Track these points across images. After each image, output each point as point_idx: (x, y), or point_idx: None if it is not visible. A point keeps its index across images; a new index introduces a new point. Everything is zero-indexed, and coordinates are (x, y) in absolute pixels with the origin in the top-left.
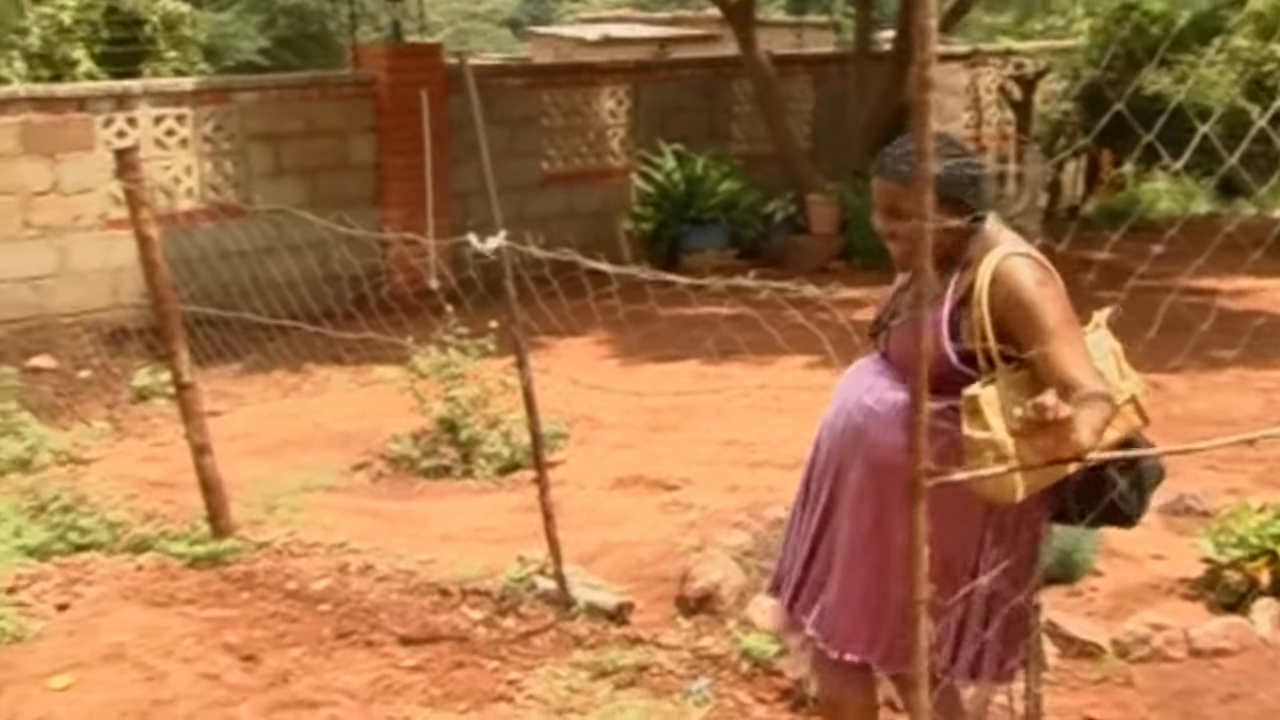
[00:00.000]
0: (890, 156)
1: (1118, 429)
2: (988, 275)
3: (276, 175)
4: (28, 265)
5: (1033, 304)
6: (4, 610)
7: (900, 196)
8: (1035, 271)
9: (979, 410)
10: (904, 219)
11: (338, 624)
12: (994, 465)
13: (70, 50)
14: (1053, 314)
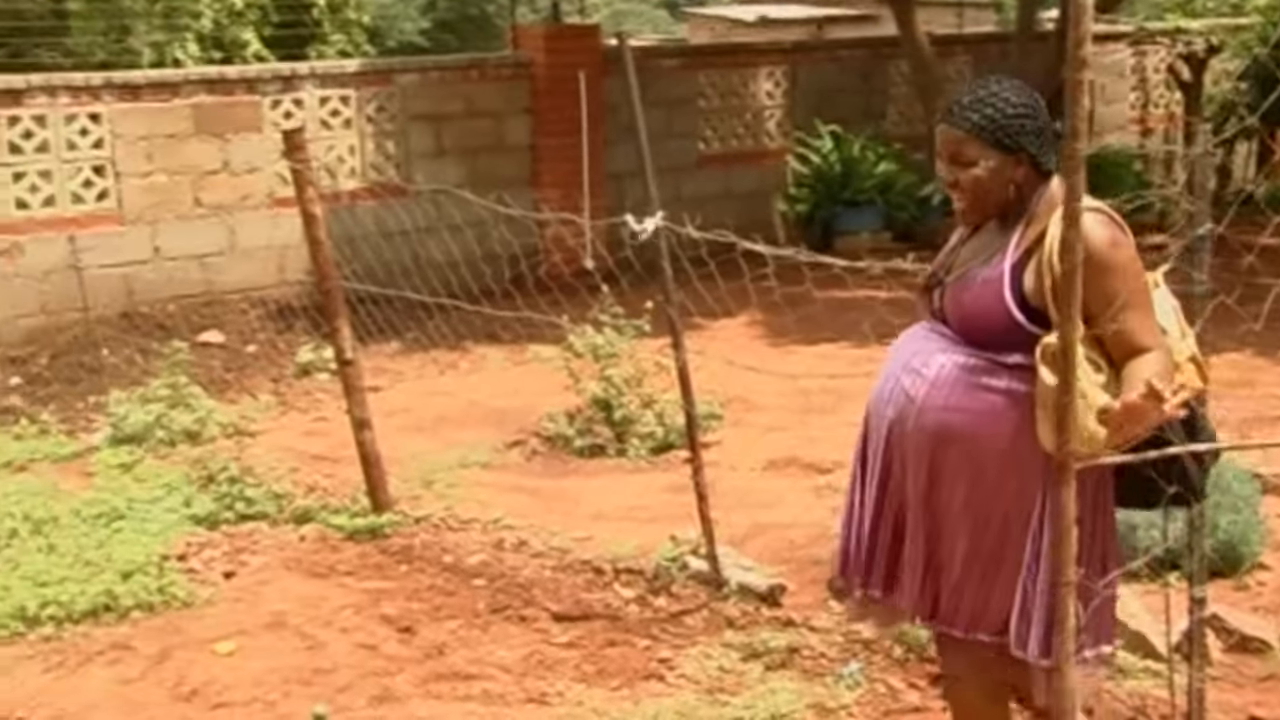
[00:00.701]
0: (959, 104)
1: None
2: (1058, 230)
3: (436, 155)
4: (198, 243)
5: (1105, 266)
6: (175, 577)
7: (965, 144)
8: (1109, 231)
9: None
10: (968, 168)
11: (492, 598)
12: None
13: (240, 33)
14: (1126, 279)
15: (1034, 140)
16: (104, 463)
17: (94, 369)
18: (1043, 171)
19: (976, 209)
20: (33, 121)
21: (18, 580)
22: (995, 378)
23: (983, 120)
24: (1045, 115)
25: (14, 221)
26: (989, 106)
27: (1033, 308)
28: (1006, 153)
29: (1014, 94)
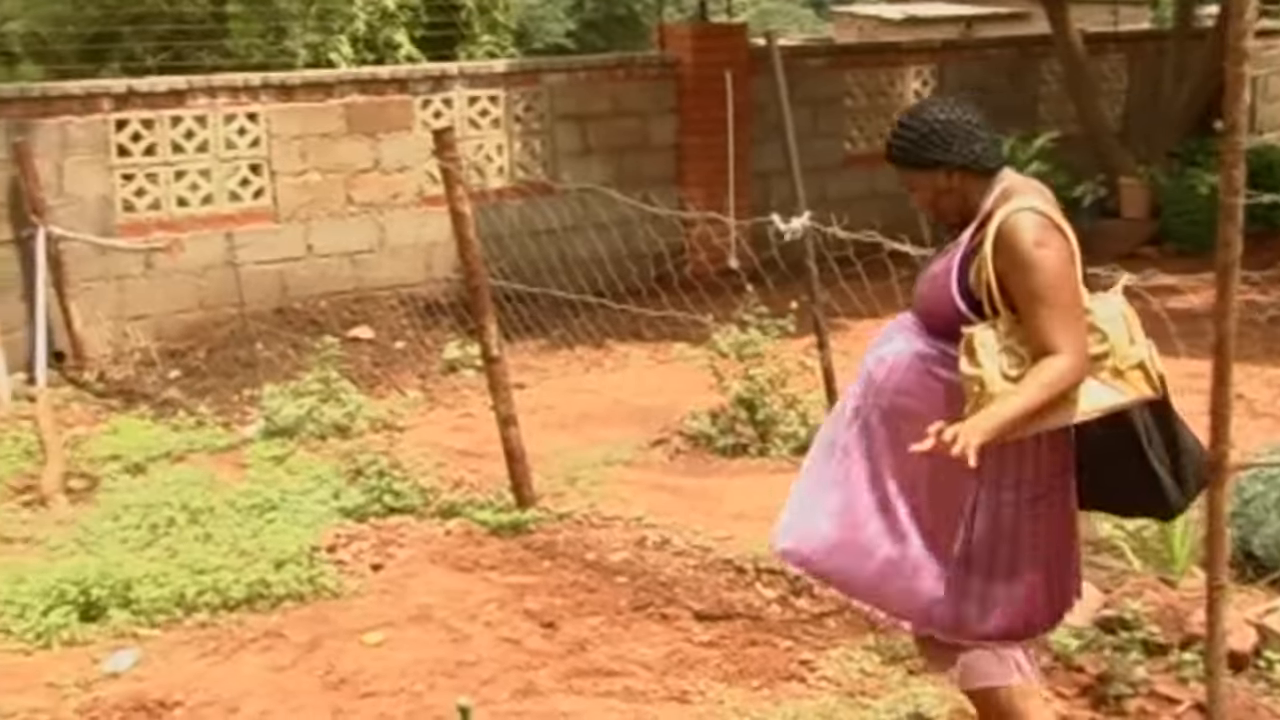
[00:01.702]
0: (892, 134)
1: (1124, 394)
2: (994, 228)
3: (583, 154)
4: (350, 240)
5: (1025, 264)
6: (325, 567)
7: (900, 173)
8: (1035, 230)
9: (973, 349)
10: (914, 192)
11: (634, 596)
12: (978, 399)
13: (392, 34)
14: (1042, 276)
15: (949, 150)
16: (257, 455)
17: (249, 363)
18: (984, 170)
19: (941, 219)
20: (194, 122)
21: (176, 567)
22: (944, 367)
23: (897, 150)
24: (963, 121)
25: (175, 219)
26: (898, 138)
27: (976, 300)
28: (927, 170)
29: (925, 113)
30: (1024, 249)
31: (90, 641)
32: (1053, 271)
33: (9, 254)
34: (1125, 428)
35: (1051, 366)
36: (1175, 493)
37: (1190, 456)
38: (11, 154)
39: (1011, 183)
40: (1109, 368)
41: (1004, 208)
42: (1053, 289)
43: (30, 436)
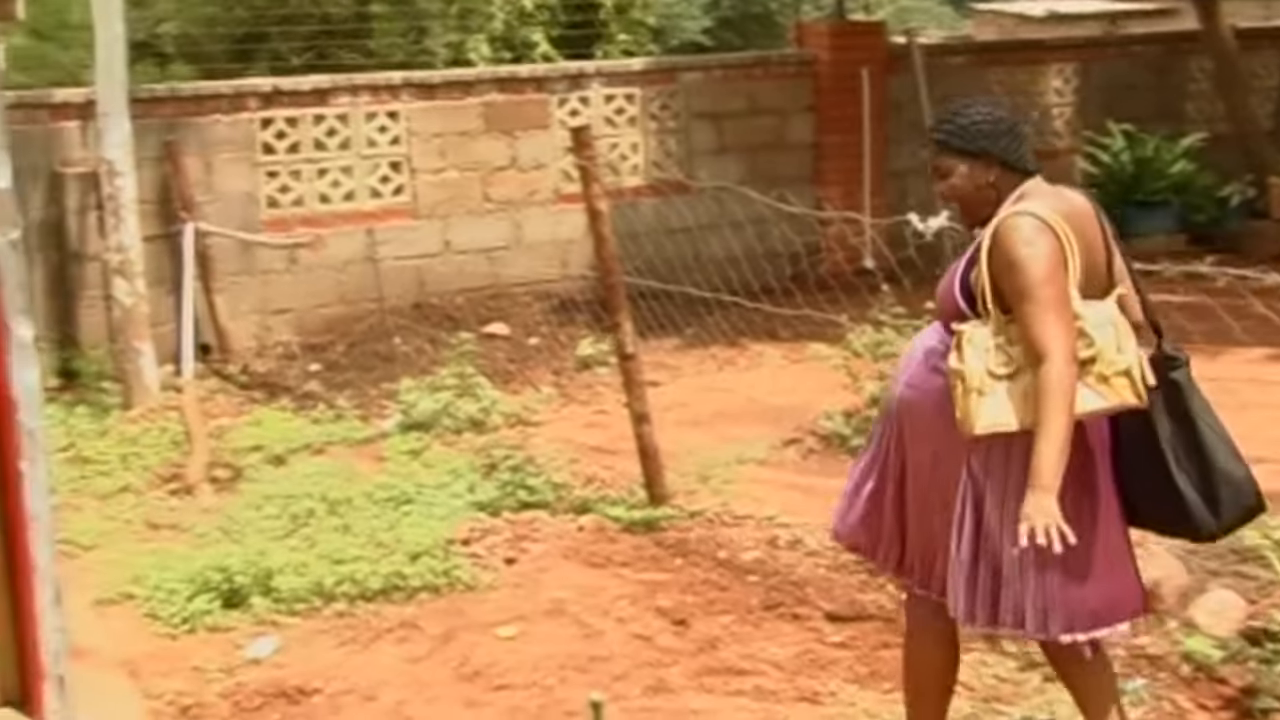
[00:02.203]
0: (932, 125)
1: (1107, 400)
2: (990, 229)
3: (718, 153)
4: (486, 237)
5: (1014, 264)
6: (459, 561)
7: (939, 156)
8: (1027, 232)
9: (962, 345)
10: (947, 178)
11: (766, 595)
12: (960, 394)
13: (530, 33)
14: (1030, 276)
15: (996, 143)
16: (395, 448)
17: (387, 357)
18: (1019, 170)
19: (966, 212)
20: (336, 120)
21: (315, 557)
22: (944, 361)
23: (945, 134)
24: (1010, 121)
25: (317, 215)
26: (950, 122)
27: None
28: (973, 157)
29: (975, 107)
30: (1013, 249)
31: (233, 628)
32: (1039, 271)
33: (160, 249)
34: (1153, 447)
35: (1048, 386)
36: (1205, 515)
37: (1225, 478)
38: (163, 152)
39: (1032, 188)
40: (1095, 373)
41: (1005, 209)
42: (1038, 287)
43: (177, 427)
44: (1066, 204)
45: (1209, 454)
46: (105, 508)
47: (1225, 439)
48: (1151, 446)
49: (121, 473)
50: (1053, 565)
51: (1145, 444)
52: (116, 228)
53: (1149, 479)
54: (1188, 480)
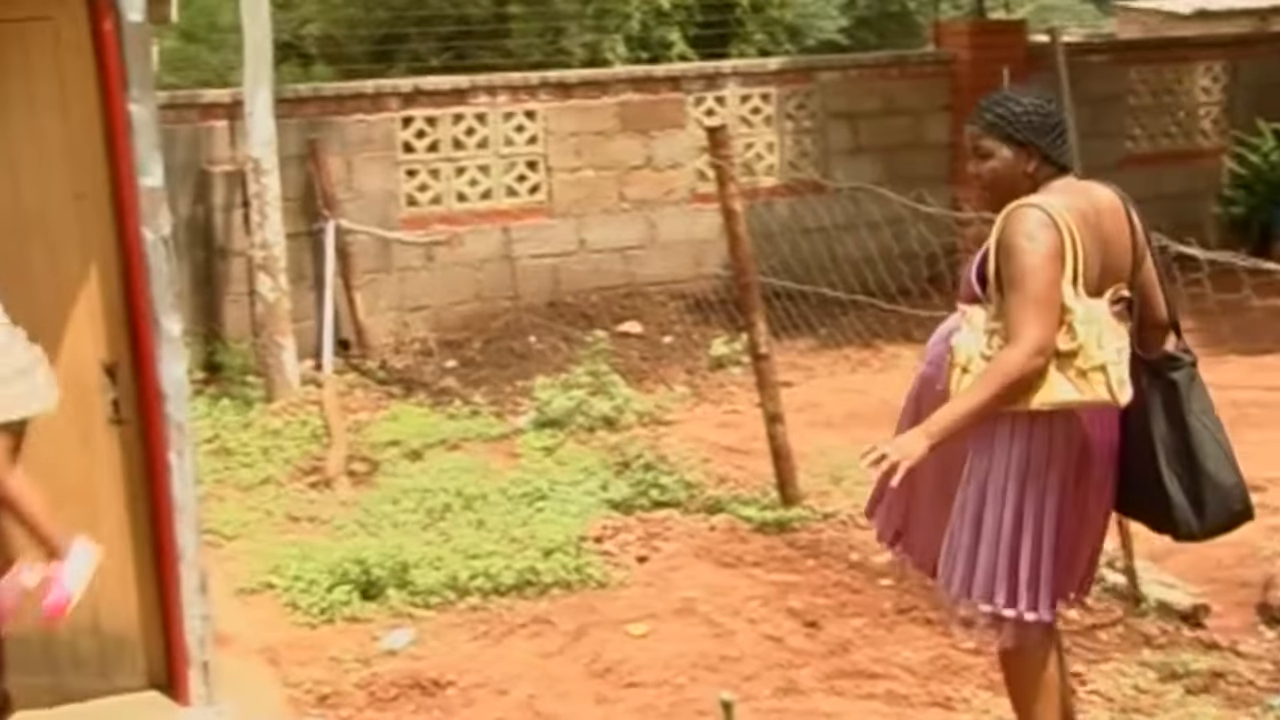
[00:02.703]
0: (980, 106)
1: (1081, 394)
2: (1000, 218)
3: (854, 153)
4: (621, 236)
5: (1009, 251)
6: (592, 558)
7: (982, 139)
8: (1029, 224)
9: (965, 324)
10: (986, 160)
11: (898, 599)
12: (948, 369)
13: (666, 33)
14: (1022, 265)
15: (1042, 136)
16: (528, 445)
17: (522, 355)
18: (1057, 165)
19: (997, 198)
20: (474, 119)
21: (450, 552)
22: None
23: (995, 118)
24: (1058, 117)
25: (455, 213)
26: (1002, 107)
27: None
28: (1018, 146)
29: (1028, 97)
30: (1013, 238)
31: (370, 619)
32: (1030, 262)
33: (301, 246)
34: (1147, 444)
35: (997, 363)
36: (1189, 516)
37: (1214, 483)
38: (306, 151)
39: (1061, 185)
40: (1075, 367)
41: (1019, 200)
42: (1027, 278)
43: (317, 421)
44: (1089, 201)
45: (1199, 457)
46: (247, 499)
47: (1220, 443)
48: (1145, 444)
49: (263, 465)
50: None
51: (1140, 441)
52: (261, 225)
53: (1140, 475)
54: (1176, 482)
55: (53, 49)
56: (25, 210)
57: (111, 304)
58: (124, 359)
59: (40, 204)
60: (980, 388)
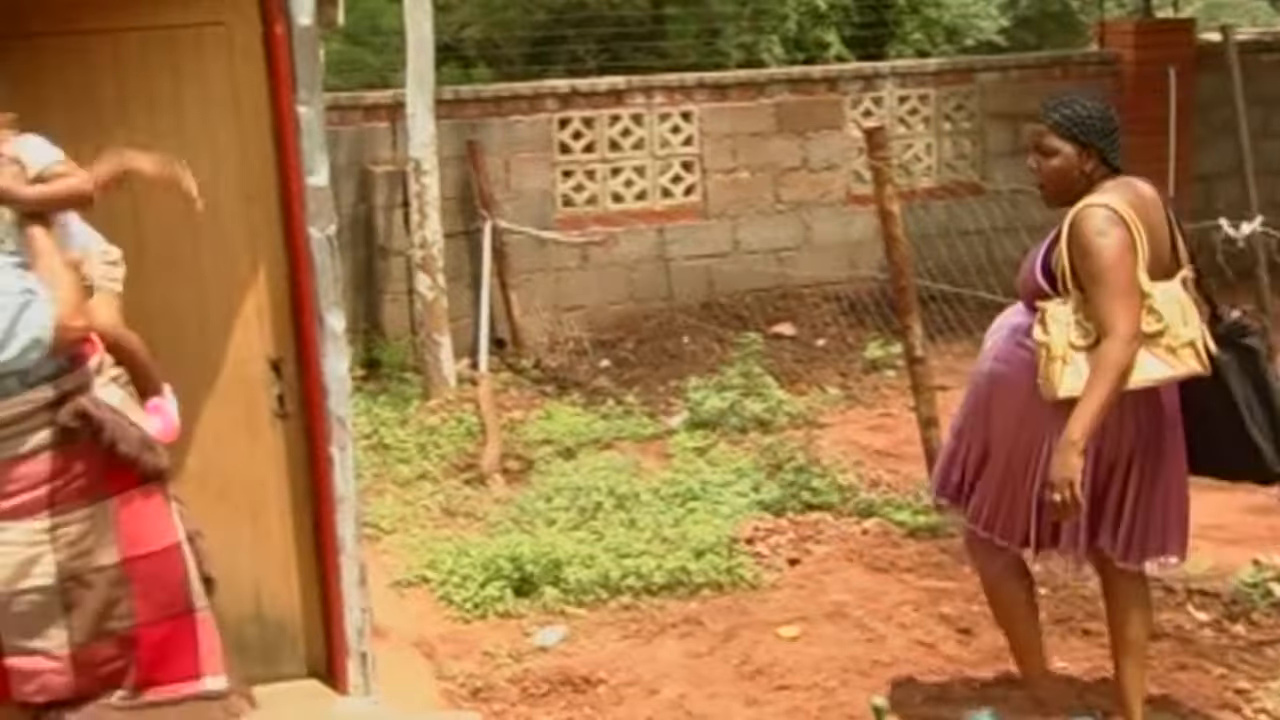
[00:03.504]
0: (1046, 106)
1: (1174, 368)
2: (1069, 218)
3: (1014, 154)
4: (776, 238)
5: (1088, 250)
6: (743, 559)
7: (1047, 136)
8: (1099, 221)
9: (1045, 321)
10: (1049, 157)
11: (1055, 609)
12: (1045, 362)
13: (823, 34)
14: (1101, 261)
15: (1102, 139)
16: (681, 445)
17: (675, 355)
18: (1112, 167)
19: (1054, 193)
20: (631, 120)
21: (601, 550)
22: (1029, 337)
23: (1062, 119)
24: (1116, 123)
25: (610, 214)
26: (1067, 108)
27: (1054, 278)
28: (1080, 146)
29: (1090, 101)
30: (1088, 237)
31: (522, 615)
32: (1109, 258)
33: (459, 245)
34: (1227, 403)
35: (1101, 360)
36: (1275, 460)
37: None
38: (465, 151)
39: (1112, 184)
40: (1164, 345)
41: (1083, 201)
42: (1109, 272)
43: (472, 418)
44: (1137, 196)
45: (1277, 409)
46: (404, 493)
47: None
48: (1227, 404)
49: (420, 461)
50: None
51: (1221, 402)
52: (421, 224)
53: (1222, 433)
54: (1259, 431)
55: (226, 53)
56: (198, 210)
57: (278, 301)
58: (289, 355)
59: (212, 203)
60: (1096, 384)
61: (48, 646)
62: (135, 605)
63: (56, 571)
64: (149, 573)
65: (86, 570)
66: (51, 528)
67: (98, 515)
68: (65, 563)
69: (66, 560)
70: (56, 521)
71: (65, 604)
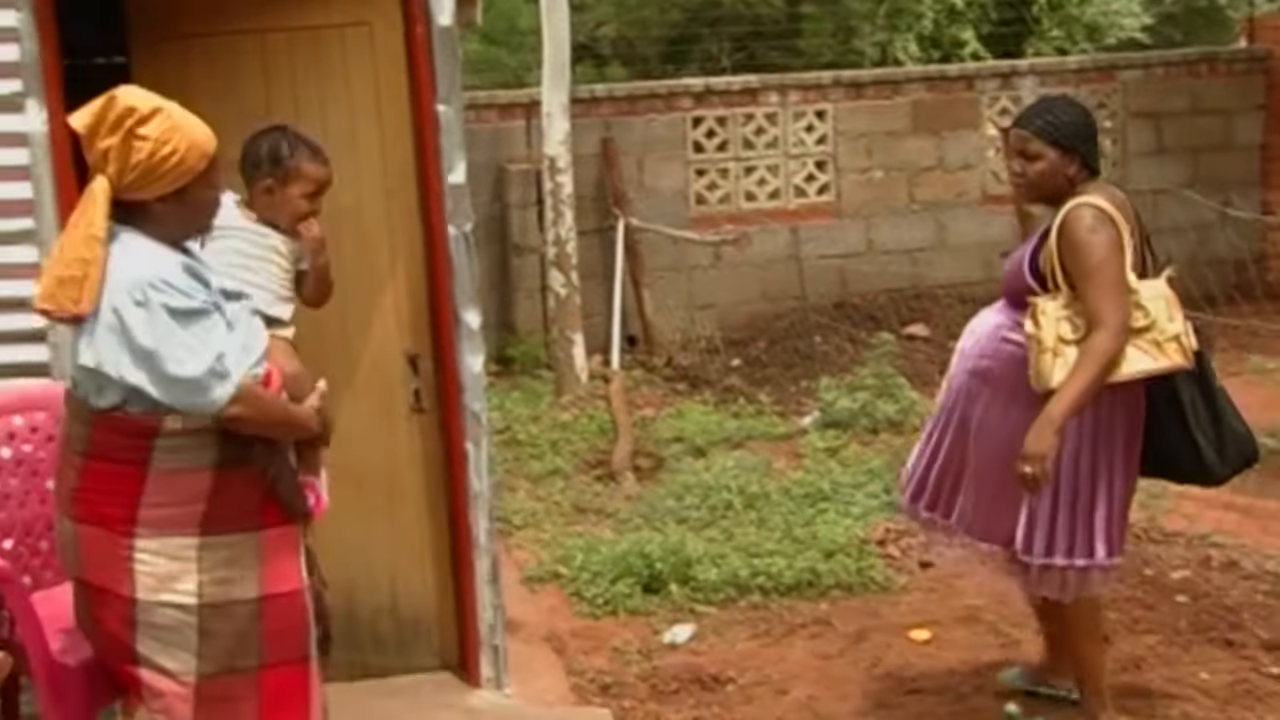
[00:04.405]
0: (1028, 112)
1: (1158, 362)
2: (1059, 218)
3: (1157, 154)
4: (909, 238)
5: (1078, 246)
6: (874, 561)
7: (1030, 142)
8: (1089, 220)
9: (1037, 316)
10: (1033, 162)
11: (1195, 618)
12: (1036, 355)
13: (959, 32)
14: (1093, 257)
15: (1084, 144)
16: (812, 445)
17: (807, 355)
18: (1092, 170)
19: (1035, 195)
20: (765, 119)
21: (731, 549)
22: (1015, 333)
23: (1046, 124)
24: (1095, 128)
25: (743, 213)
26: (1050, 114)
27: (1043, 277)
28: (1063, 151)
29: (1070, 106)
30: (1080, 235)
31: (651, 613)
32: (1100, 254)
33: (592, 243)
34: (1176, 405)
35: (1090, 349)
36: (1215, 462)
37: (1234, 434)
38: (599, 150)
39: (1092, 185)
40: (1149, 339)
41: (1071, 201)
42: (1100, 267)
43: (604, 415)
44: (1115, 198)
45: (1221, 414)
46: (536, 489)
47: (1230, 402)
48: (1174, 407)
49: (551, 457)
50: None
51: (1169, 405)
52: (555, 222)
53: (1169, 434)
54: (1203, 434)
55: (369, 53)
56: (340, 206)
57: (416, 297)
58: (426, 350)
59: (354, 200)
60: (1082, 372)
61: (176, 670)
62: (263, 646)
63: (198, 592)
64: (279, 614)
65: (226, 599)
66: (200, 546)
67: (245, 546)
68: (207, 585)
69: (209, 583)
70: (206, 542)
71: (201, 629)
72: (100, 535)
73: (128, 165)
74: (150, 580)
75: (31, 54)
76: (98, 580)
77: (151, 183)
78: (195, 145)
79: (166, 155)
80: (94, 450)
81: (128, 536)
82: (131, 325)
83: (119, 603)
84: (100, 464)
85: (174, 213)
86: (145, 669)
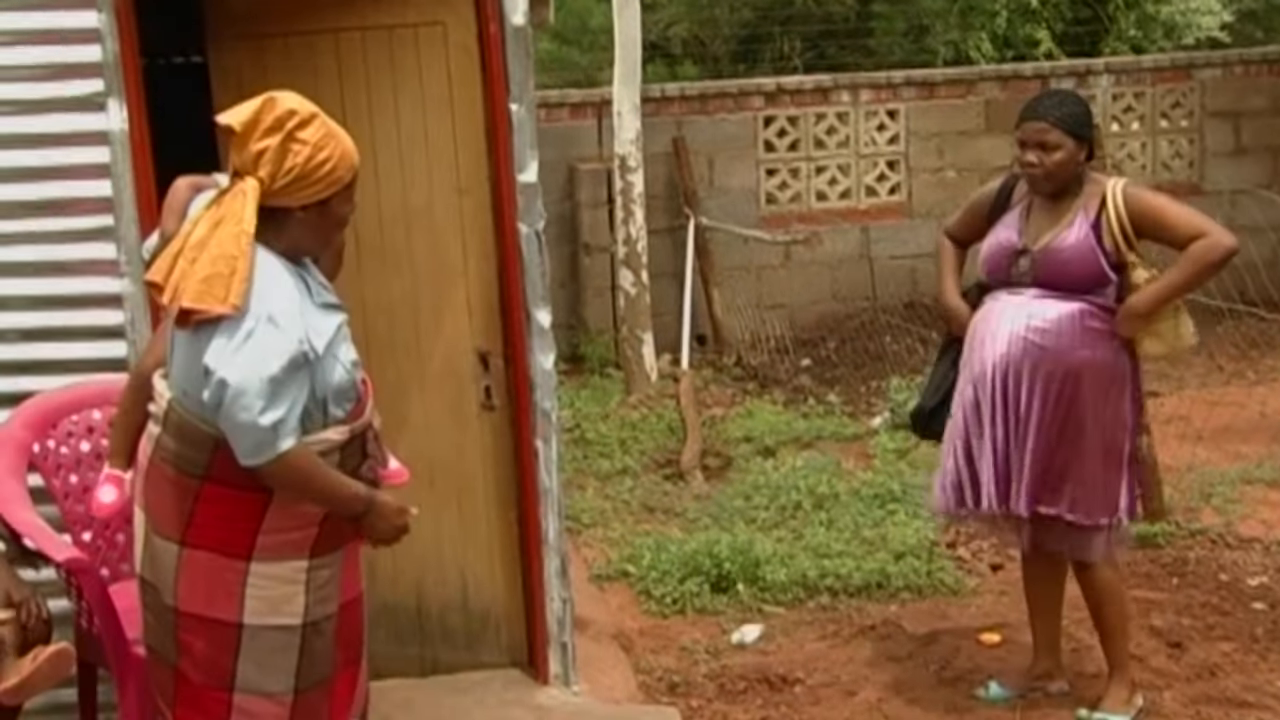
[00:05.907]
0: (1043, 104)
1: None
2: (1117, 198)
3: (1234, 154)
4: None
5: (1151, 206)
6: (943, 563)
7: (1049, 133)
8: (1140, 188)
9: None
10: (1052, 152)
11: (1272, 625)
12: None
13: (1033, 31)
14: (1169, 206)
15: (1091, 133)
16: (882, 446)
17: (877, 355)
18: (1092, 157)
19: (1051, 184)
20: (836, 118)
21: (800, 550)
22: (1095, 318)
23: (1064, 115)
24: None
25: (813, 212)
26: (1067, 107)
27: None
28: (1079, 141)
29: (1075, 98)
30: (1146, 198)
31: (720, 612)
32: (1169, 201)
33: (662, 242)
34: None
35: (1197, 249)
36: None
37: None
38: (670, 149)
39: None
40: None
41: (1108, 185)
42: (1179, 210)
43: (673, 414)
44: None
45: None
46: (605, 488)
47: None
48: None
49: (620, 455)
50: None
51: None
52: (625, 221)
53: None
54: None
55: (443, 52)
56: (413, 204)
57: (487, 295)
58: (496, 348)
59: (427, 198)
60: (1184, 273)
61: (275, 690)
62: (336, 653)
63: (304, 613)
64: (349, 620)
65: (323, 616)
66: (309, 569)
67: (338, 562)
68: (312, 606)
69: (313, 604)
70: (314, 564)
71: (302, 648)
72: (213, 560)
73: (281, 169)
74: (261, 605)
75: (112, 54)
76: (195, 607)
77: (302, 189)
78: (347, 155)
79: (321, 162)
80: (214, 474)
81: (243, 561)
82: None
83: (221, 629)
84: (221, 489)
85: (313, 223)
86: (242, 694)
